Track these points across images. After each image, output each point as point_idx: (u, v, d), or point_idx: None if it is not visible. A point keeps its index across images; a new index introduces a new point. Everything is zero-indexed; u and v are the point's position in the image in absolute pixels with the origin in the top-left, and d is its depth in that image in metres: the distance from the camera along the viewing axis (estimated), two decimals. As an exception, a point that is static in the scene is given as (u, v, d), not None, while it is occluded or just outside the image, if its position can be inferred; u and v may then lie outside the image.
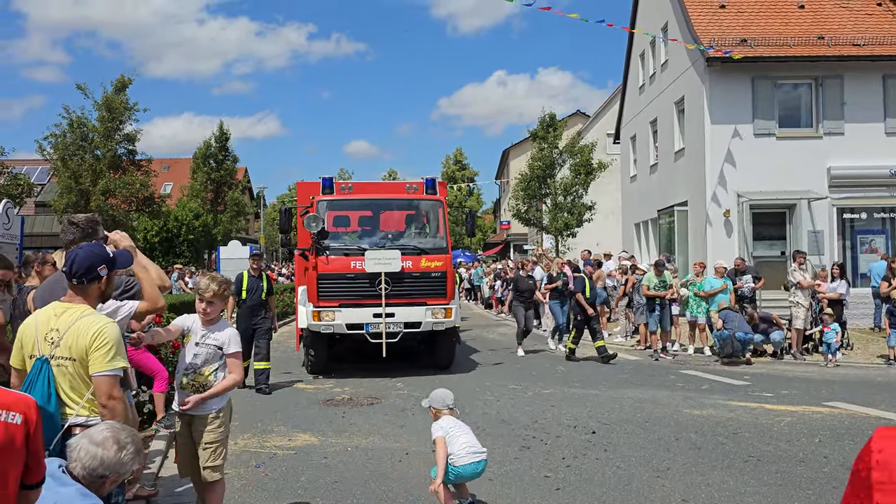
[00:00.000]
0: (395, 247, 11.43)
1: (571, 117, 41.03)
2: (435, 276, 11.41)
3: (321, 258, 11.21)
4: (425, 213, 12.57)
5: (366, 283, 11.13)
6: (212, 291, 4.54)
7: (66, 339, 3.26)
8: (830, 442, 7.26)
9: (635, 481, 6.01)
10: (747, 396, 9.76)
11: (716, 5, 20.45)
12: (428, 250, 11.57)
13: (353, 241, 11.90)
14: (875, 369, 12.35)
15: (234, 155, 41.97)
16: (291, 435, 7.72)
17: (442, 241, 11.83)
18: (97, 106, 30.05)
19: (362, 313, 11.16)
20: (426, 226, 12.56)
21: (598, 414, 8.64)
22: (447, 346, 12.10)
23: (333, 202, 11.85)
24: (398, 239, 11.97)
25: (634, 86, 26.76)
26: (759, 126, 18.78)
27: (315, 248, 11.27)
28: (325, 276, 11.19)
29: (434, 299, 11.38)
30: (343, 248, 11.46)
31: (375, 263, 11.01)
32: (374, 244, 11.55)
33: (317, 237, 11.24)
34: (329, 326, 11.15)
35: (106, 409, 3.22)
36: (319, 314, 11.09)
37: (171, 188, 49.40)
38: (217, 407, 4.55)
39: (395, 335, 11.24)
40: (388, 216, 12.74)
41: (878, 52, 18.55)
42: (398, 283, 11.14)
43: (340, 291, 11.19)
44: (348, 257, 11.26)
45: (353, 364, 12.57)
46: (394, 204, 12.67)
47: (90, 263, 3.35)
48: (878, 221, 19.19)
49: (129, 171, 30.86)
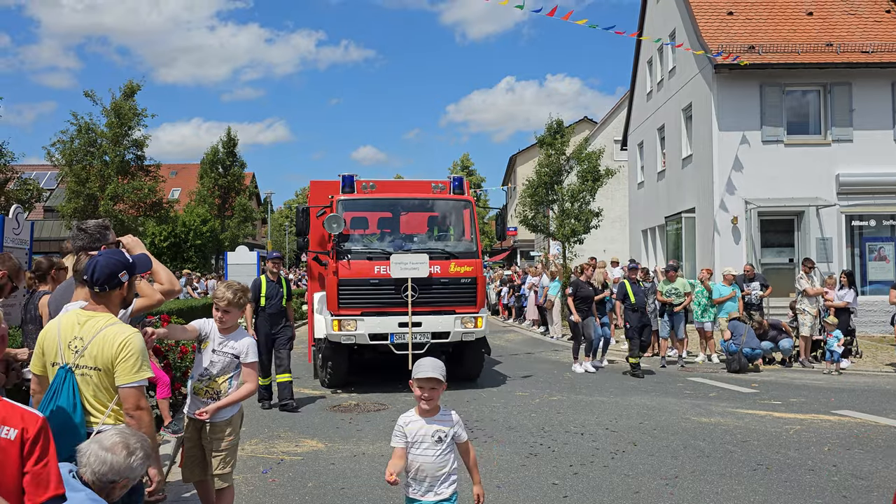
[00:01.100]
0: (423, 250, 10.67)
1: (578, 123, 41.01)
2: (464, 283, 10.67)
3: (342, 262, 10.43)
4: (453, 214, 11.70)
5: (391, 289, 10.39)
6: (226, 300, 4.52)
7: (91, 349, 3.26)
8: (840, 451, 7.21)
9: (643, 489, 5.98)
10: (756, 404, 9.71)
11: (724, 12, 20.44)
12: (457, 254, 10.81)
13: (376, 243, 11.18)
14: (884, 377, 12.28)
15: (242, 160, 42.18)
16: (298, 441, 7.72)
17: (471, 244, 11.10)
18: (106, 112, 30.25)
19: (387, 322, 10.41)
20: (454, 228, 11.74)
21: (605, 421, 8.61)
22: (475, 357, 11.34)
23: (355, 202, 11.09)
24: (424, 242, 11.19)
25: (642, 92, 26.75)
26: (767, 133, 18.75)
27: (335, 251, 10.50)
28: (347, 282, 10.40)
29: (463, 307, 10.65)
30: (366, 252, 10.70)
31: (402, 268, 10.28)
32: (399, 247, 10.81)
33: (337, 239, 10.51)
34: (350, 337, 10.35)
35: (133, 419, 3.24)
36: (340, 323, 10.31)
37: (179, 193, 49.59)
38: (230, 415, 4.55)
39: (421, 346, 10.40)
40: (413, 217, 11.86)
41: (886, 60, 18.50)
42: (425, 290, 10.44)
43: (363, 299, 10.43)
44: (372, 261, 10.50)
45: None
46: (419, 204, 11.71)
47: (112, 270, 3.36)
48: (887, 229, 19.11)
49: (138, 177, 31.03)
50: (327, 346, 10.72)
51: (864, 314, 16.34)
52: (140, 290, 3.92)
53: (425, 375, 3.56)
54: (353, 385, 11.11)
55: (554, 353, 15.30)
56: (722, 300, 13.70)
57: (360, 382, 11.31)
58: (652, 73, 25.35)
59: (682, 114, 21.62)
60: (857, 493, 5.88)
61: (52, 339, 3.37)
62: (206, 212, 39.75)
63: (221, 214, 41.08)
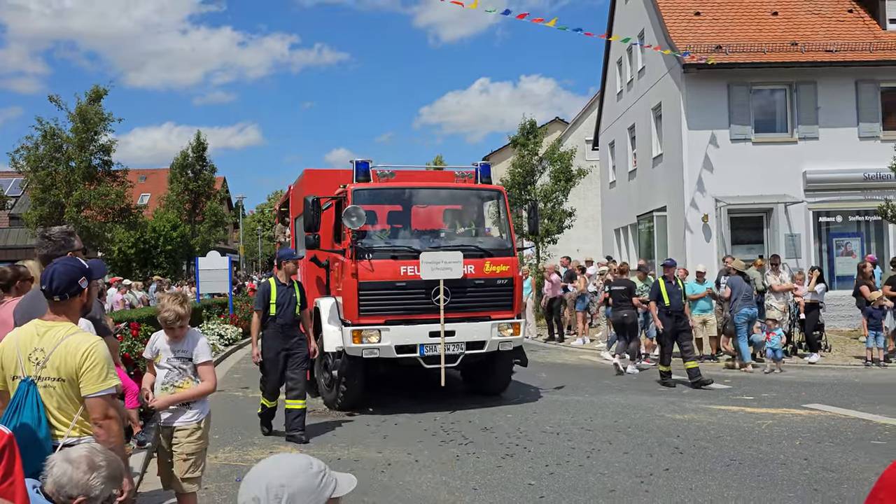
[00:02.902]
0: (454, 247, 9.37)
1: (551, 124, 41.15)
2: (501, 284, 9.39)
3: (362, 263, 8.92)
4: (484, 206, 10.45)
5: (420, 293, 9.02)
6: (176, 314, 4.49)
7: (53, 360, 3.17)
8: (811, 444, 7.31)
9: (619, 487, 6.01)
10: (728, 400, 9.82)
11: (691, 13, 20.67)
12: (492, 252, 9.57)
13: (399, 240, 9.89)
14: (852, 371, 12.48)
15: (212, 165, 41.76)
16: (273, 447, 7.63)
17: (506, 240, 9.84)
18: (71, 117, 29.74)
19: (416, 332, 9.02)
20: (485, 222, 10.57)
21: (580, 420, 8.64)
22: (506, 367, 10.08)
23: (373, 192, 9.60)
24: (452, 238, 9.99)
25: (612, 92, 26.96)
26: (735, 131, 18.99)
27: (354, 249, 9.00)
28: (369, 285, 8.93)
29: (500, 312, 9.38)
30: (390, 250, 9.33)
31: (433, 268, 8.90)
32: (426, 244, 9.42)
33: (356, 236, 9.01)
34: (373, 350, 8.91)
35: (101, 429, 3.16)
36: (361, 334, 8.87)
37: (149, 199, 48.97)
38: (198, 418, 4.54)
39: (454, 358, 9.16)
40: (439, 210, 10.58)
41: (850, 58, 18.85)
42: (459, 293, 9.10)
43: (388, 305, 9.01)
44: (397, 261, 9.06)
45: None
46: (446, 195, 10.39)
47: (71, 277, 3.27)
48: (854, 224, 19.46)
49: (105, 182, 30.55)
50: (343, 362, 9.11)
51: (832, 309, 16.60)
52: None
53: None
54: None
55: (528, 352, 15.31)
56: (695, 297, 13.82)
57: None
58: (622, 73, 25.55)
59: (652, 113, 21.82)
60: (827, 485, 5.96)
61: (10, 352, 3.28)
62: (175, 217, 39.29)
63: (192, 219, 40.63)
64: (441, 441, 7.73)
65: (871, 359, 12.74)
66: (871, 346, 12.76)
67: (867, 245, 19.31)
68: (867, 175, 18.53)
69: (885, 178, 17.68)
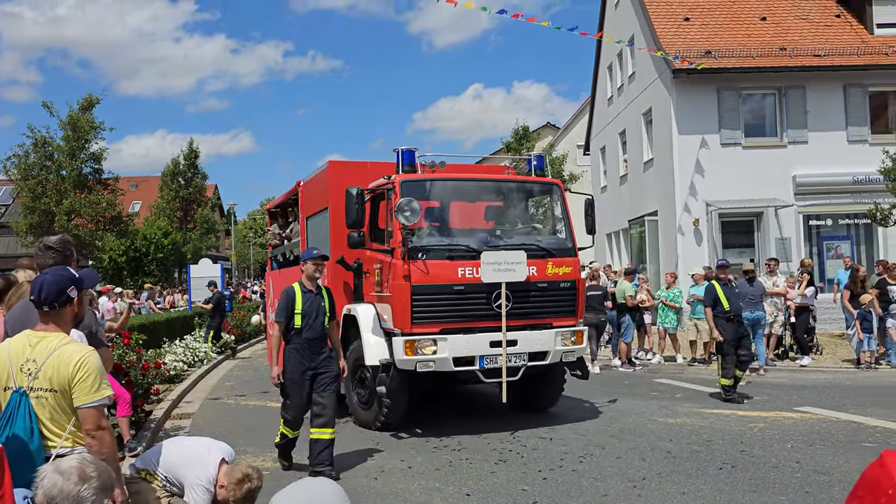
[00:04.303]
0: (514, 246, 8.45)
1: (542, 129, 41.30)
2: (564, 288, 8.56)
3: (416, 264, 7.96)
4: (542, 201, 9.59)
5: (480, 298, 8.11)
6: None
7: (46, 371, 3.15)
8: (802, 447, 7.34)
9: (611, 492, 6.01)
10: (720, 404, 9.84)
11: (680, 18, 20.81)
12: (553, 251, 8.71)
13: (453, 238, 8.71)
14: (843, 373, 12.53)
15: (204, 172, 41.77)
16: (266, 455, 7.61)
17: (566, 239, 8.99)
18: (62, 125, 29.67)
19: (475, 342, 8.06)
20: (544, 218, 9.65)
21: (572, 425, 8.65)
22: (559, 380, 9.23)
23: (425, 184, 8.63)
24: (509, 236, 8.98)
25: (603, 97, 27.08)
26: (725, 136, 19.10)
27: (406, 248, 8.02)
28: (424, 289, 7.95)
29: (562, 319, 8.55)
30: (446, 250, 8.29)
31: (494, 270, 7.99)
32: (483, 243, 8.39)
33: (407, 234, 8.04)
34: (428, 363, 7.91)
35: (94, 440, 3.14)
36: (414, 345, 7.89)
37: (140, 206, 48.82)
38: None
39: (515, 371, 8.26)
40: (493, 206, 9.60)
41: (838, 63, 19.01)
42: (521, 298, 8.23)
43: (443, 311, 8.08)
44: (454, 262, 8.11)
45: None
46: (503, 188, 9.44)
47: (60, 287, 3.26)
48: (843, 227, 19.60)
49: (96, 190, 30.45)
50: (391, 377, 8.06)
51: (823, 312, 16.66)
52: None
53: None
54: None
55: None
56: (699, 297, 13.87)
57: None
58: (612, 78, 25.67)
59: (643, 118, 21.93)
60: (819, 488, 5.98)
61: (2, 363, 3.26)
62: (166, 224, 39.21)
63: (183, 227, 40.53)
64: (434, 447, 7.72)
65: (864, 361, 12.79)
66: (865, 350, 12.81)
67: (857, 248, 19.44)
68: (856, 178, 18.66)
69: (873, 181, 17.80)
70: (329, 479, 1.94)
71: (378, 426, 8.41)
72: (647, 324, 14.71)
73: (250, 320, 20.50)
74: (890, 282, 13.13)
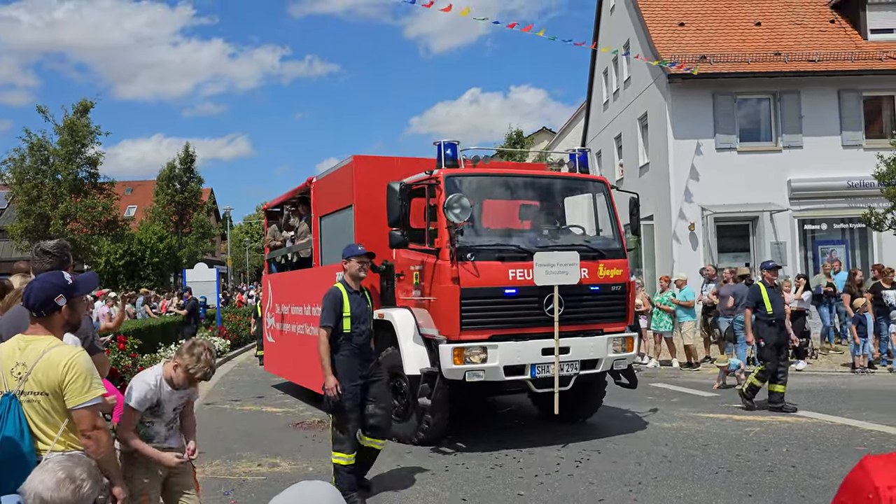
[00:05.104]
0: (566, 247, 7.93)
1: (537, 134, 41.39)
2: (615, 291, 8.13)
3: (466, 265, 7.41)
4: (589, 199, 8.94)
5: (532, 302, 7.60)
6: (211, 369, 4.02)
7: (35, 374, 3.15)
8: (798, 451, 7.36)
9: (608, 497, 6.02)
10: (716, 408, 9.86)
11: (675, 23, 20.89)
12: (604, 252, 8.25)
13: (499, 238, 8.12)
14: (839, 377, 12.56)
15: (199, 176, 41.74)
16: (261, 460, 7.60)
17: (615, 239, 8.55)
18: (58, 129, 29.64)
19: (527, 349, 7.54)
20: (591, 217, 9.03)
21: (568, 429, 8.64)
22: (600, 389, 8.82)
23: (472, 180, 8.04)
24: (556, 236, 8.45)
25: (598, 102, 27.15)
26: (720, 140, 19.17)
27: (454, 247, 7.44)
28: (474, 293, 7.39)
29: (613, 324, 8.11)
30: (496, 250, 7.70)
31: (547, 272, 7.45)
32: (533, 243, 7.85)
33: (456, 233, 7.45)
34: (477, 372, 7.37)
35: (90, 440, 3.13)
36: (463, 353, 7.34)
37: (135, 211, 48.75)
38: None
39: (566, 380, 7.76)
40: (540, 203, 8.97)
41: (832, 68, 19.09)
42: (574, 302, 7.75)
43: (493, 316, 7.53)
44: (505, 263, 7.56)
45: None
46: (549, 185, 8.93)
47: (46, 295, 3.24)
48: (838, 232, 19.67)
49: (91, 195, 30.42)
50: (436, 387, 7.49)
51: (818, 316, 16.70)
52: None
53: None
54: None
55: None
56: (688, 304, 13.93)
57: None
58: (608, 83, 25.74)
59: (638, 123, 21.99)
60: (814, 492, 6.00)
61: None
62: (162, 229, 39.17)
63: (179, 231, 40.48)
64: (430, 451, 7.72)
65: (860, 366, 12.83)
66: (860, 354, 12.85)
67: (852, 252, 19.50)
68: (851, 183, 18.73)
69: (868, 185, 17.86)
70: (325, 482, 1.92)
71: (418, 440, 7.89)
72: (643, 328, 14.72)
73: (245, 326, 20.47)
74: (885, 286, 13.17)
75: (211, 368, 4.01)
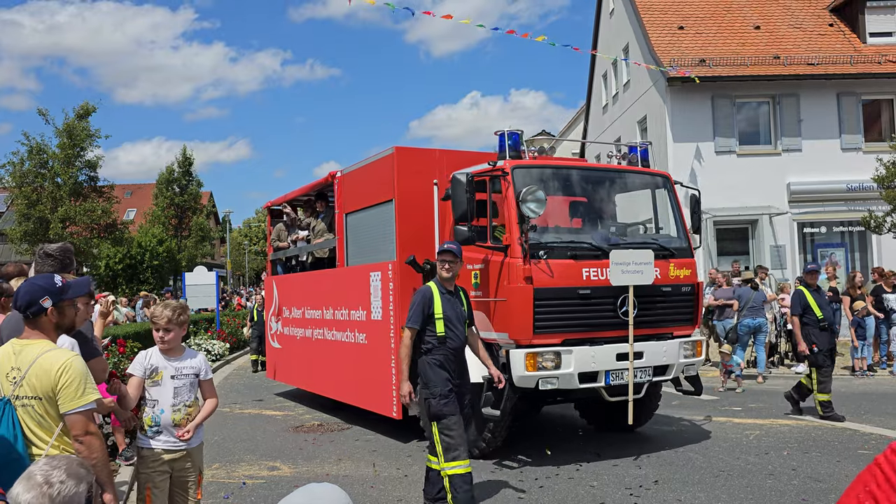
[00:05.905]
0: (640, 245, 7.48)
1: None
2: (685, 292, 7.66)
3: (539, 264, 6.87)
4: (654, 196, 8.38)
5: (607, 304, 7.09)
6: (166, 318, 4.20)
7: (29, 378, 3.14)
8: (798, 454, 7.35)
9: (609, 500, 6.01)
10: (716, 411, 9.85)
11: (675, 27, 20.92)
12: (674, 251, 7.79)
13: (570, 235, 7.59)
14: (838, 381, 12.54)
15: (198, 180, 41.75)
16: (261, 464, 7.58)
17: (682, 238, 8.10)
18: (58, 132, 29.66)
19: (602, 354, 7.00)
20: (657, 215, 8.51)
21: (568, 432, 8.64)
22: (656, 396, 8.30)
23: (543, 172, 7.48)
24: (623, 234, 8.01)
25: (598, 105, 27.18)
26: (720, 144, 19.20)
27: (527, 245, 6.87)
28: (548, 293, 6.84)
29: (681, 327, 7.67)
30: (569, 248, 7.16)
31: (622, 272, 6.95)
32: (605, 240, 7.31)
33: (527, 229, 6.90)
34: (551, 379, 6.79)
35: (83, 446, 3.12)
36: (536, 358, 6.76)
37: (135, 214, 48.76)
38: (202, 438, 4.37)
39: (639, 388, 7.30)
40: (608, 199, 8.29)
41: (831, 71, 19.13)
42: (647, 304, 7.27)
43: (567, 319, 6.99)
44: (578, 262, 7.04)
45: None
46: (618, 179, 8.24)
47: (31, 297, 3.23)
48: (837, 235, 19.68)
49: (91, 198, 30.42)
50: (505, 396, 6.88)
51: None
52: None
53: None
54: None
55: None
56: None
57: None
58: (607, 86, 25.78)
59: (638, 126, 22.01)
60: (815, 495, 5.99)
61: None
62: (161, 232, 39.18)
63: (178, 234, 40.49)
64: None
65: (859, 369, 12.83)
66: (859, 357, 12.86)
67: (851, 255, 19.52)
68: (850, 186, 18.76)
69: (867, 189, 17.89)
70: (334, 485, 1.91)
71: (479, 452, 7.29)
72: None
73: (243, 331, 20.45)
74: (886, 289, 13.18)
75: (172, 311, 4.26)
